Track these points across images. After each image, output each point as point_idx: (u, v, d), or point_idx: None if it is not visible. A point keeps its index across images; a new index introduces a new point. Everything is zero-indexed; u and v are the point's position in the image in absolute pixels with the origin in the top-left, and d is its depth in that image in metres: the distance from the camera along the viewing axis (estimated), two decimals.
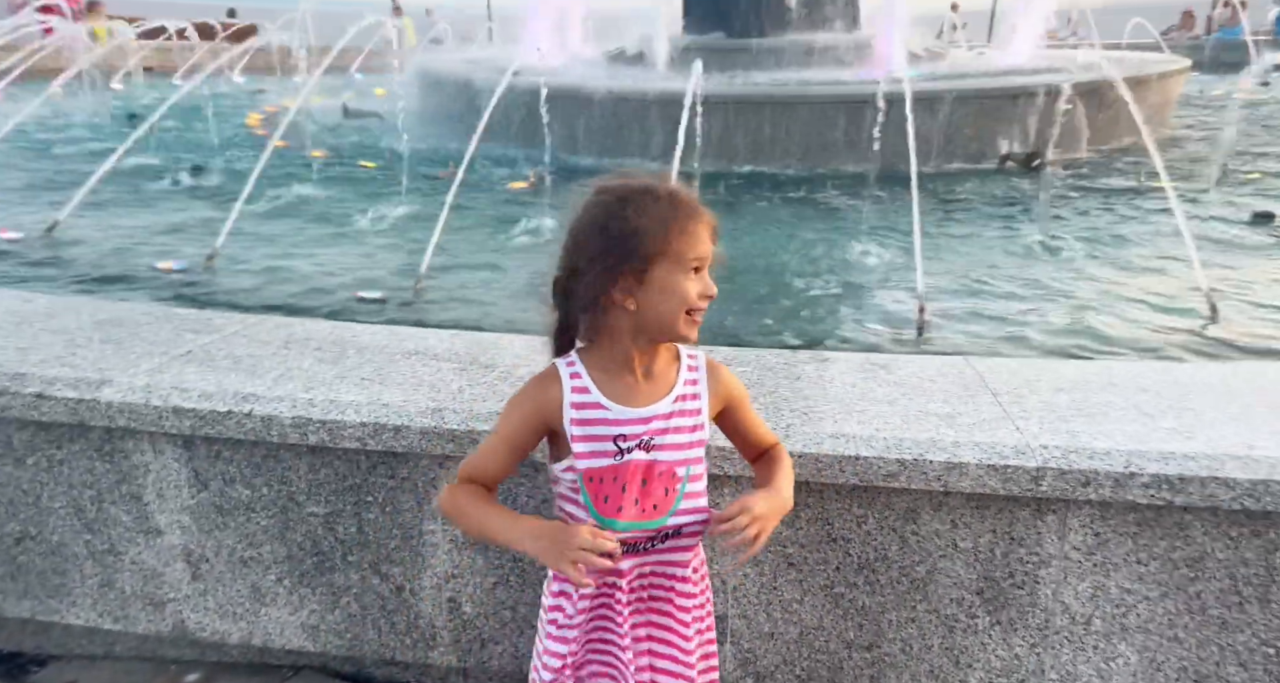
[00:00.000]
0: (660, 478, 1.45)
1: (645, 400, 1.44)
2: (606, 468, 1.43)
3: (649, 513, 1.46)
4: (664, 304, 1.37)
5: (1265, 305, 4.14)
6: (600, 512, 1.44)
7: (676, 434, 1.46)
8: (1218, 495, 1.82)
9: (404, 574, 2.20)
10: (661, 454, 1.45)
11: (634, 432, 1.43)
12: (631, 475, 1.44)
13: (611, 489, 1.44)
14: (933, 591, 2.02)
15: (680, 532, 1.51)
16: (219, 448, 2.15)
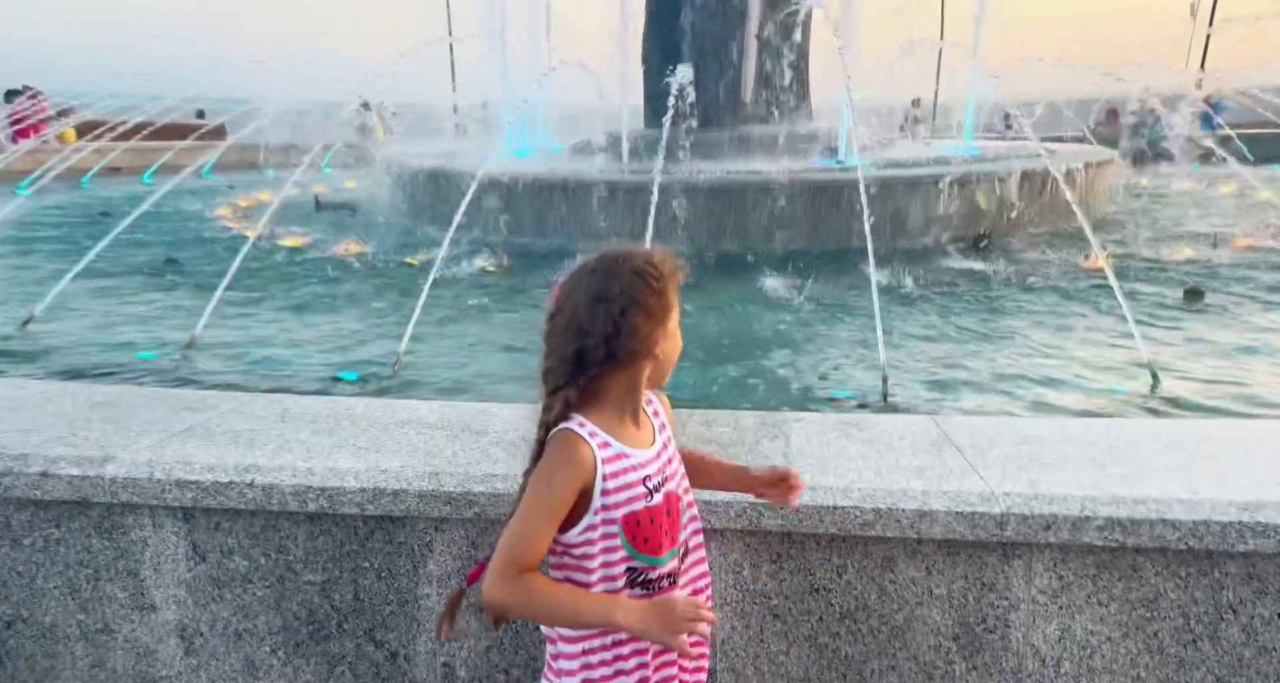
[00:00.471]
0: (674, 504, 1.59)
1: (646, 442, 1.58)
2: (643, 510, 1.54)
3: (673, 541, 1.59)
4: (675, 350, 1.57)
5: (1200, 377, 4.39)
6: (644, 553, 1.54)
7: (671, 463, 1.62)
8: (1165, 536, 1.96)
9: (399, 640, 2.24)
10: (671, 483, 1.59)
11: (653, 471, 1.56)
12: (660, 513, 1.55)
13: (650, 531, 1.54)
14: (911, 638, 2.12)
15: (689, 547, 1.66)
16: (218, 519, 2.21)
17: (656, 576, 1.57)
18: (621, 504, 1.53)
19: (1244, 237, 8.23)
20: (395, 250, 7.97)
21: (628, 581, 1.56)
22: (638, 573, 1.56)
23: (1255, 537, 1.93)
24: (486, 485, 2.11)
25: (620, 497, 1.53)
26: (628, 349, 1.48)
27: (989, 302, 6.04)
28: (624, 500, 1.53)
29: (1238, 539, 1.94)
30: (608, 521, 1.53)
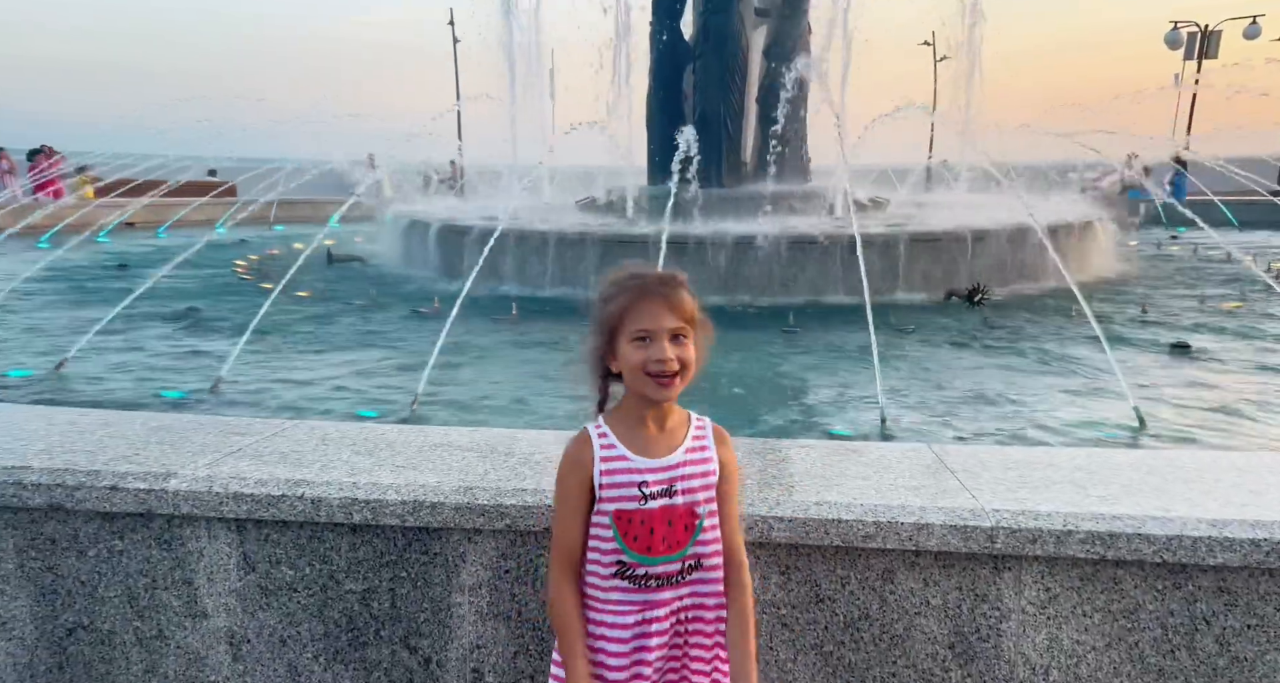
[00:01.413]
0: (681, 518, 1.75)
1: (662, 451, 1.75)
2: (635, 511, 1.72)
3: (673, 548, 1.74)
4: (626, 369, 1.69)
5: (1185, 421, 4.60)
6: (633, 549, 1.73)
7: (691, 480, 1.76)
8: (1141, 550, 2.15)
9: (431, 646, 2.40)
10: (680, 498, 1.75)
11: (655, 479, 1.73)
12: (658, 520, 1.73)
13: (640, 531, 1.73)
14: (910, 646, 2.28)
15: (702, 564, 1.78)
16: (268, 531, 2.38)
17: (643, 574, 1.74)
18: (613, 500, 1.72)
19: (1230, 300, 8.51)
20: (408, 299, 8.23)
21: (616, 572, 1.75)
22: (626, 567, 1.74)
23: (1224, 551, 2.11)
24: (517, 499, 2.29)
25: (612, 493, 1.72)
26: (593, 356, 1.70)
27: (982, 351, 6.27)
28: (615, 497, 1.72)
29: (1208, 553, 2.12)
30: (601, 512, 1.74)
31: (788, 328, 7.04)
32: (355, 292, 8.99)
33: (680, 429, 1.79)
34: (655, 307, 1.66)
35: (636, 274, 1.71)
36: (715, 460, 1.79)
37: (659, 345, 1.66)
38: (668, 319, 1.67)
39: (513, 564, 2.35)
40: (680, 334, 1.68)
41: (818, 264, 8.29)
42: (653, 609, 1.75)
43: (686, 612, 1.79)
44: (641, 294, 1.67)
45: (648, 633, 1.74)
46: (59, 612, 2.48)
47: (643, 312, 1.66)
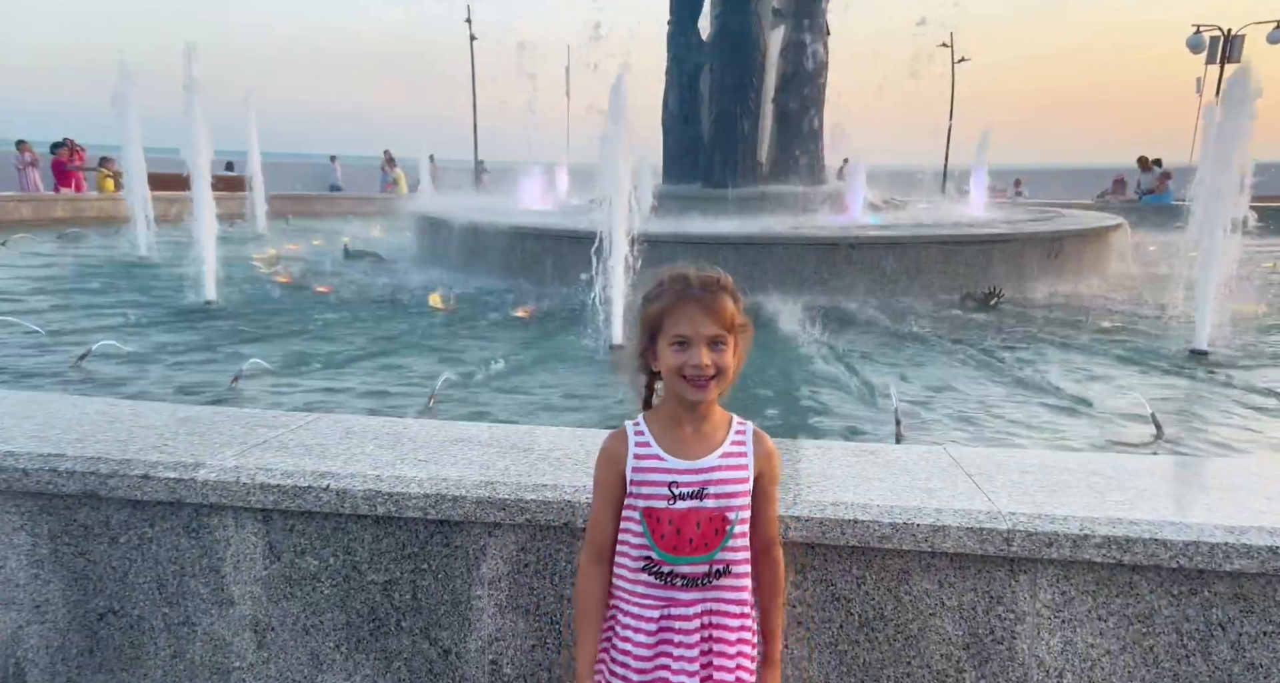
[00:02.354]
0: (711, 522, 1.76)
1: (697, 454, 1.77)
2: (664, 510, 1.75)
3: (700, 550, 1.77)
4: (664, 370, 1.73)
5: (1203, 428, 4.59)
6: (660, 547, 1.76)
7: (724, 485, 1.77)
8: (1158, 554, 2.16)
9: (451, 638, 2.44)
10: (711, 502, 1.76)
11: (686, 480, 1.75)
12: (686, 520, 1.75)
13: (668, 530, 1.75)
14: (925, 646, 2.30)
15: (730, 570, 1.80)
16: (294, 522, 2.43)
17: (668, 572, 1.77)
18: (643, 497, 1.75)
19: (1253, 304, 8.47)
20: (424, 296, 8.28)
21: (643, 567, 1.78)
22: (652, 564, 1.77)
23: (1240, 557, 2.13)
24: (537, 494, 2.33)
25: (643, 489, 1.75)
26: (635, 354, 1.74)
27: (999, 354, 6.27)
28: (645, 494, 1.75)
29: (1224, 559, 2.13)
30: (632, 507, 1.77)
31: (804, 325, 7.05)
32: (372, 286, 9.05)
33: (719, 432, 1.81)
34: (695, 312, 1.68)
35: (681, 275, 1.73)
36: (751, 467, 1.80)
37: (696, 351, 1.68)
38: (706, 326, 1.68)
39: (532, 559, 2.38)
40: (719, 341, 1.70)
41: (834, 265, 8.29)
42: (676, 607, 1.78)
43: (711, 617, 1.80)
44: (682, 298, 1.69)
45: (671, 630, 1.77)
46: (91, 597, 2.53)
47: (682, 316, 1.68)
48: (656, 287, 1.75)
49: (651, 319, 1.73)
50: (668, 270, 1.78)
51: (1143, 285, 9.53)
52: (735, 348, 1.74)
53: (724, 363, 1.71)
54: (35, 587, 2.55)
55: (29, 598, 2.56)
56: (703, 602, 1.79)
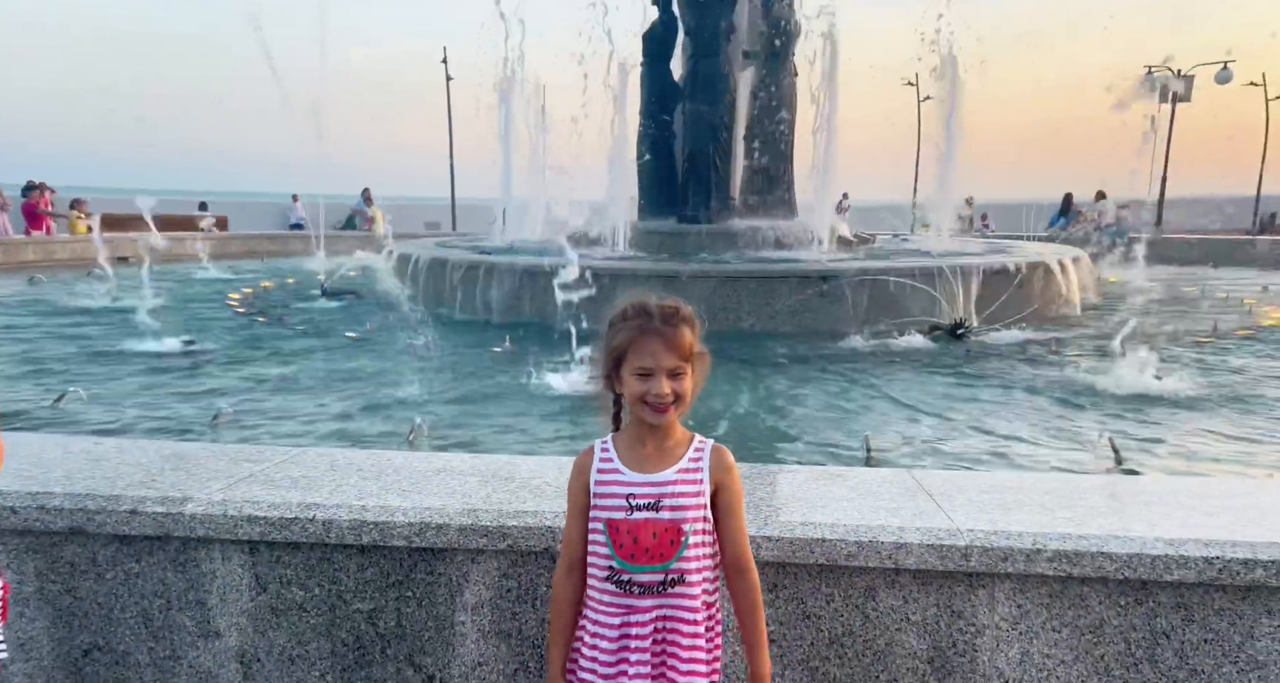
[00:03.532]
0: (666, 532, 1.87)
1: (655, 468, 1.89)
2: (622, 521, 1.86)
3: (656, 559, 1.87)
4: (628, 396, 1.88)
5: (1160, 453, 4.77)
6: (620, 556, 1.87)
7: (679, 498, 1.89)
8: (1104, 567, 2.29)
9: (435, 664, 2.51)
10: (667, 514, 1.88)
11: (642, 492, 1.87)
12: (643, 530, 1.87)
13: (626, 540, 1.86)
14: (891, 661, 2.41)
15: (685, 579, 1.90)
16: (280, 553, 2.50)
17: (628, 580, 1.88)
18: (605, 508, 1.89)
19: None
20: (403, 331, 8.36)
21: (607, 576, 1.90)
22: (615, 573, 1.89)
23: (1179, 568, 2.26)
24: (519, 521, 2.42)
25: (604, 502, 1.89)
26: (603, 379, 1.88)
27: (964, 383, 6.44)
28: (606, 506, 1.88)
29: (1165, 570, 2.27)
30: (596, 518, 1.90)
31: (777, 354, 7.19)
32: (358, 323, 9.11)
33: (679, 449, 1.93)
34: (655, 346, 1.82)
35: (642, 308, 1.87)
36: (706, 482, 1.91)
37: (657, 381, 1.83)
38: (666, 358, 1.83)
39: (514, 584, 2.47)
40: (678, 371, 1.84)
41: (805, 298, 8.48)
42: (634, 614, 1.88)
43: (665, 622, 1.90)
44: (644, 331, 1.83)
45: (629, 635, 1.88)
46: (75, 633, 2.57)
47: (644, 349, 1.83)
48: (620, 317, 1.88)
49: (616, 349, 1.87)
50: (630, 301, 1.91)
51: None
52: (693, 374, 1.88)
53: (683, 390, 1.86)
54: (20, 625, 2.59)
55: (13, 636, 2.59)
56: (658, 609, 1.89)
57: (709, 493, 1.93)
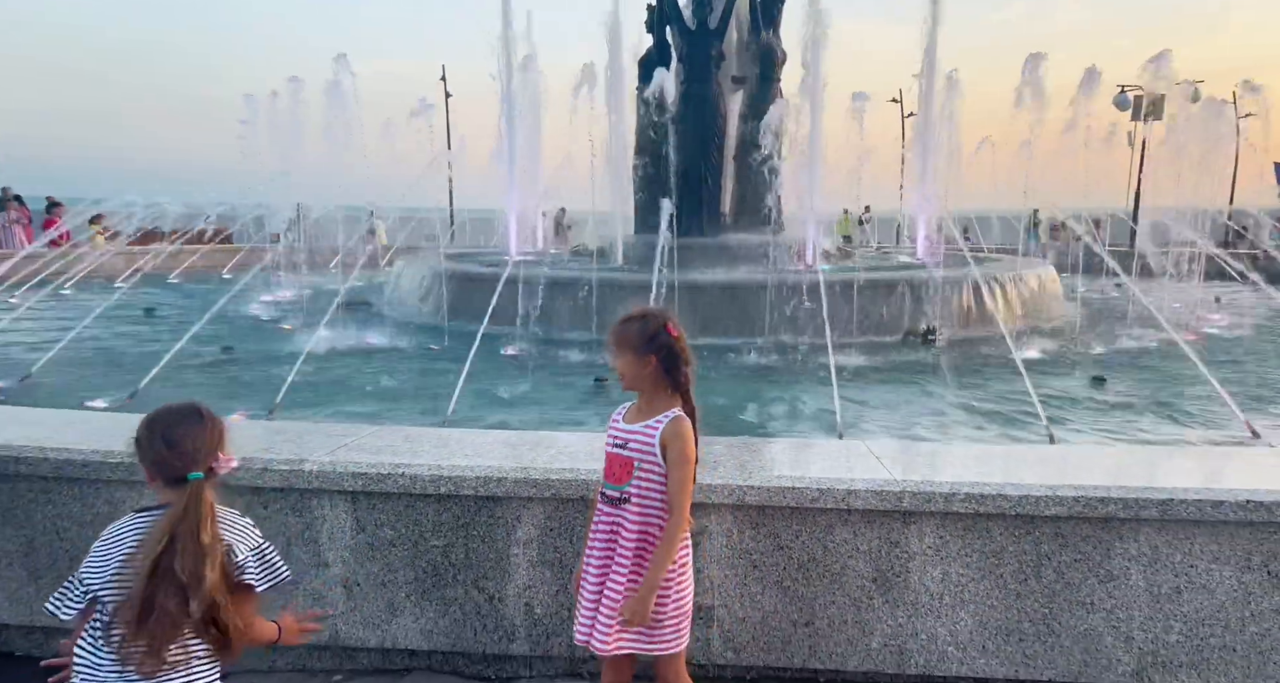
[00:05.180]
0: (625, 464, 2.59)
1: (632, 421, 2.63)
2: (608, 451, 2.63)
3: (616, 481, 2.61)
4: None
5: (1089, 436, 5.55)
6: (604, 474, 2.64)
7: (638, 443, 2.59)
8: (1002, 506, 3.05)
9: (494, 587, 3.25)
10: (627, 452, 2.60)
11: (619, 435, 2.61)
12: (614, 460, 2.62)
13: (607, 465, 2.63)
14: (845, 580, 3.16)
15: (629, 500, 2.58)
16: (375, 502, 3.24)
17: (603, 492, 2.65)
18: (607, 442, 2.65)
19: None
20: (420, 339, 9.10)
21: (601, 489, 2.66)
22: (601, 486, 2.66)
23: (1055, 506, 3.02)
24: (559, 475, 3.17)
25: (608, 438, 2.66)
26: None
27: (927, 381, 7.23)
28: (608, 441, 2.65)
29: (1045, 507, 3.02)
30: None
31: (761, 357, 7.94)
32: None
33: (655, 413, 2.61)
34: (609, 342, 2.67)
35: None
36: (657, 438, 2.57)
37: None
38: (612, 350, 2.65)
39: (555, 524, 3.21)
40: (615, 354, 2.62)
41: (789, 307, 9.25)
42: (602, 516, 2.64)
43: (618, 529, 2.61)
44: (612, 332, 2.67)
45: (598, 530, 2.64)
46: None
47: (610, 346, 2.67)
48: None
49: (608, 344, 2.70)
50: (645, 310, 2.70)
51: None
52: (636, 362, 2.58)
53: (620, 371, 2.62)
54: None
55: None
56: (614, 517, 2.62)
57: (659, 447, 2.58)
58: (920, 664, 3.16)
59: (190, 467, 2.01)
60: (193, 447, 2.03)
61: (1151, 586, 3.05)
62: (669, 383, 2.61)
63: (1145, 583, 3.05)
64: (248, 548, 2.11)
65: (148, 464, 2.05)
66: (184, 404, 2.15)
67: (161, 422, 2.07)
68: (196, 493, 2.00)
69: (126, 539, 1.99)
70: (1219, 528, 3.00)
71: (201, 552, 1.93)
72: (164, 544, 1.91)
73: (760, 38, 13.09)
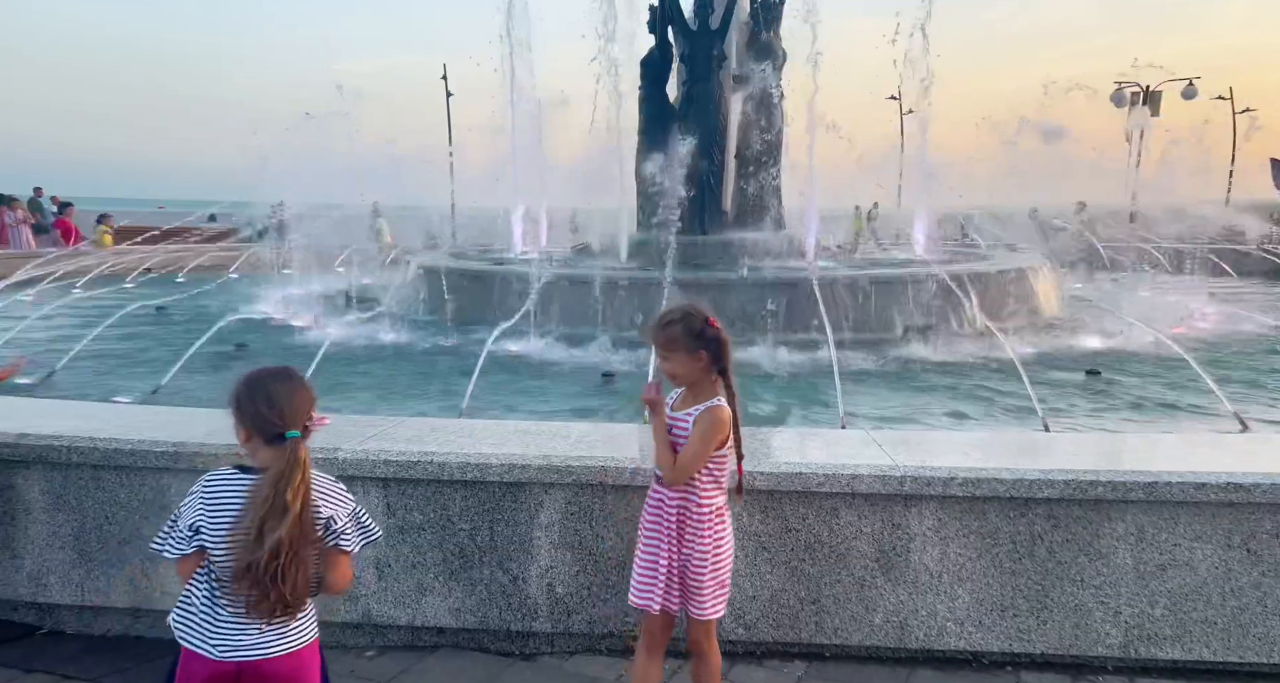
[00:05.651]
0: (671, 448, 2.77)
1: (677, 410, 2.81)
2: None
3: (663, 463, 2.79)
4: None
5: (1081, 426, 5.75)
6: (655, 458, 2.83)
7: (679, 430, 2.78)
8: (997, 489, 3.24)
9: (518, 568, 3.44)
10: (675, 436, 2.78)
11: (670, 422, 2.78)
12: (662, 444, 2.79)
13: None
14: (849, 560, 3.35)
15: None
16: (405, 487, 3.43)
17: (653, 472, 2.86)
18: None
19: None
20: (429, 335, 9.28)
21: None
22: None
23: (1047, 489, 3.21)
24: (580, 462, 3.35)
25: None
26: None
27: (925, 375, 7.42)
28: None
29: (1038, 490, 3.22)
30: None
31: (764, 352, 8.11)
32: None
33: (698, 404, 2.83)
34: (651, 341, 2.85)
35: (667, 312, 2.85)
36: (692, 425, 2.77)
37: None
38: (657, 350, 2.84)
39: (575, 509, 3.40)
40: (665, 357, 2.78)
41: (791, 303, 9.42)
42: (651, 493, 2.84)
43: (661, 503, 2.80)
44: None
45: (645, 506, 2.86)
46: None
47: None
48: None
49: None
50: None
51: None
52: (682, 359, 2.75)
53: (670, 370, 2.79)
54: None
55: None
56: (660, 494, 2.81)
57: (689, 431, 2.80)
58: (920, 639, 3.36)
59: (288, 425, 2.13)
60: (290, 406, 2.15)
61: (1138, 563, 3.24)
62: (716, 372, 2.78)
63: (1132, 561, 3.24)
64: (344, 514, 2.24)
65: (247, 424, 2.16)
66: (279, 367, 2.28)
67: (260, 383, 2.18)
68: (294, 451, 2.11)
69: (234, 501, 2.13)
70: (1201, 509, 3.19)
71: (284, 509, 2.06)
72: (268, 507, 2.05)
73: (761, 37, 13.26)
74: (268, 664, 2.16)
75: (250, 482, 2.15)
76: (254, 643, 2.15)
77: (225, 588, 2.15)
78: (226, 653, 2.14)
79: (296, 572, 2.07)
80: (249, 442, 2.19)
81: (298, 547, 2.07)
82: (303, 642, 2.23)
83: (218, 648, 2.14)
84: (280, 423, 2.13)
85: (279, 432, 2.13)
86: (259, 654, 2.15)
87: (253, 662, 2.15)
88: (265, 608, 2.09)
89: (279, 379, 2.21)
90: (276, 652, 2.17)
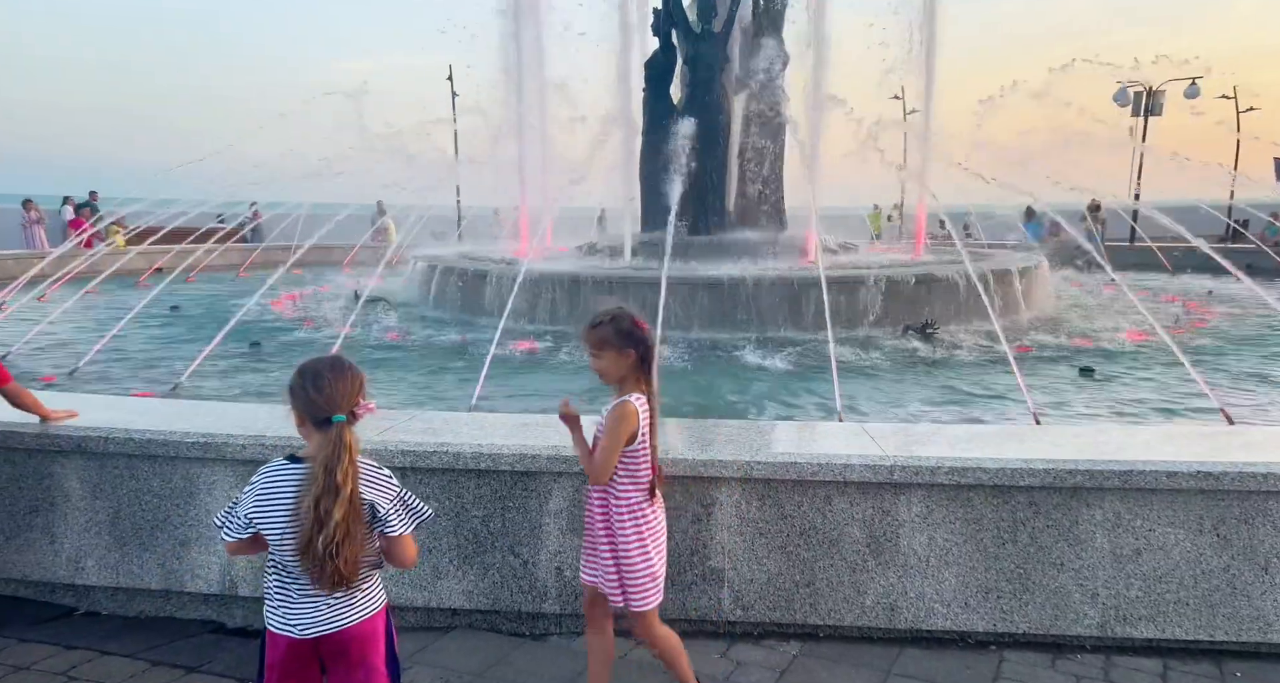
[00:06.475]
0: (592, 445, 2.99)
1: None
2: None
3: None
4: None
5: (1073, 420, 5.93)
6: None
7: (599, 426, 2.98)
8: (982, 478, 3.42)
9: (528, 552, 3.63)
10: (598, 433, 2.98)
11: (597, 423, 2.97)
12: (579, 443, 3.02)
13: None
14: (842, 545, 3.54)
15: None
16: (422, 476, 3.63)
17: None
18: None
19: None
20: (437, 333, 9.47)
21: None
22: None
23: (1029, 477, 3.40)
24: None
25: None
26: None
27: (925, 370, 7.60)
28: None
29: (1020, 478, 3.40)
30: None
31: (764, 350, 8.32)
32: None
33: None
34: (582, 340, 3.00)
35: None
36: (602, 417, 2.98)
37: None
38: (586, 347, 3.00)
39: (583, 497, 3.59)
40: (595, 355, 2.95)
41: (792, 302, 9.60)
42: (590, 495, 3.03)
43: (603, 504, 2.99)
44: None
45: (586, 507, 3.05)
46: None
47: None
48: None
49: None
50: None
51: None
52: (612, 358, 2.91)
53: (598, 368, 2.98)
54: None
55: None
56: (595, 494, 3.01)
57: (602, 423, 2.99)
58: (909, 620, 3.54)
59: (334, 409, 2.28)
60: (337, 392, 2.29)
61: (1114, 548, 3.42)
62: (642, 370, 2.95)
63: (1109, 545, 3.42)
64: (388, 500, 2.38)
65: (299, 408, 2.32)
66: (330, 357, 2.44)
67: (310, 370, 2.34)
68: (339, 434, 2.26)
69: (286, 489, 2.30)
70: (1174, 496, 3.37)
71: (335, 489, 2.22)
72: (321, 488, 2.21)
73: (764, 40, 13.43)
74: (343, 633, 2.35)
75: (301, 470, 2.30)
76: (328, 618, 2.34)
77: (292, 572, 2.32)
78: (307, 630, 2.33)
79: (349, 548, 2.24)
80: (302, 426, 2.35)
81: (350, 524, 2.24)
82: (372, 609, 2.43)
83: (298, 627, 2.33)
84: (327, 407, 2.28)
85: (325, 416, 2.28)
86: (335, 626, 2.34)
87: (329, 634, 2.34)
88: (325, 583, 2.25)
89: (328, 366, 2.37)
90: (350, 622, 2.36)
